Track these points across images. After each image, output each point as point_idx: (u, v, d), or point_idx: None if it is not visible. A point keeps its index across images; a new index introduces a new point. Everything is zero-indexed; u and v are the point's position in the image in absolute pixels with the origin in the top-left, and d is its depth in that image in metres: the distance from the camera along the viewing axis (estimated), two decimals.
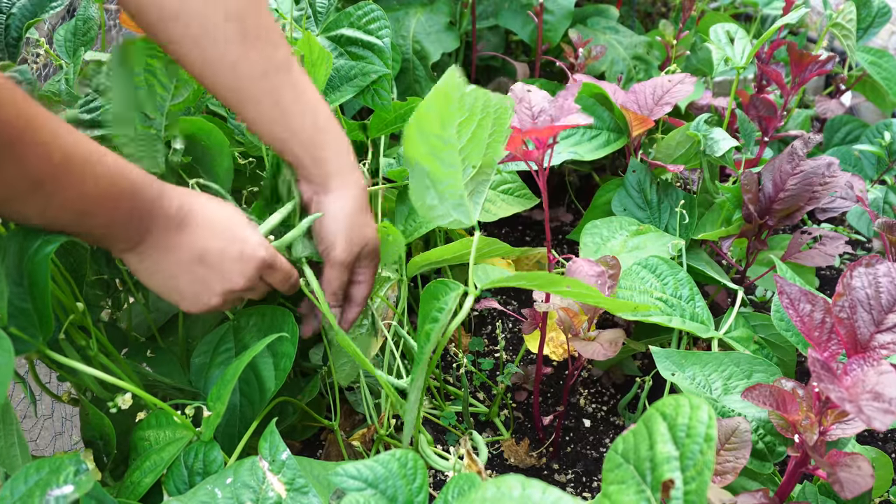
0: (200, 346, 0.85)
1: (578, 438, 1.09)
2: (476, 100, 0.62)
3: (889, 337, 0.57)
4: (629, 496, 0.45)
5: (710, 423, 0.44)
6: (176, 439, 0.70)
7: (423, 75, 1.45)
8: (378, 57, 1.00)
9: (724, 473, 0.61)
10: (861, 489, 0.54)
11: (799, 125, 1.54)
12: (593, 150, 1.15)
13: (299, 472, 0.63)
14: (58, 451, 1.11)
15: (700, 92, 1.49)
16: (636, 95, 1.13)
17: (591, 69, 1.50)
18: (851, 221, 1.27)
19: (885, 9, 1.48)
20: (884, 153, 1.38)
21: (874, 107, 1.71)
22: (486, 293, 1.35)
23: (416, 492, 0.60)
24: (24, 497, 0.51)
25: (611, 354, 0.83)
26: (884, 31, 1.96)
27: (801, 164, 0.99)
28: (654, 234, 1.03)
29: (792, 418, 0.59)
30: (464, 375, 0.99)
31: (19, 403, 1.24)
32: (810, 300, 0.61)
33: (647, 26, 1.91)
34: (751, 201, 1.02)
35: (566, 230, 1.53)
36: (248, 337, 0.84)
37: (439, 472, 1.01)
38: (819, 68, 1.21)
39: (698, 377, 0.74)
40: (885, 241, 0.91)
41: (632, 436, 0.48)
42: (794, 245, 1.03)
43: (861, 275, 0.60)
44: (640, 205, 1.12)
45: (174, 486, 0.68)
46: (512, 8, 1.55)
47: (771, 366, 0.75)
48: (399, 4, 1.52)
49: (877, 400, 0.49)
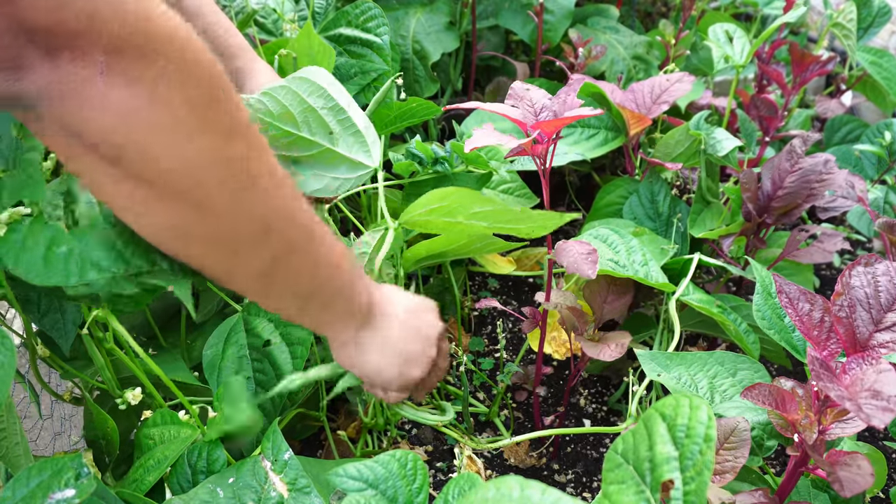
0: (211, 338, 0.83)
1: (578, 438, 1.09)
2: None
3: (888, 336, 0.57)
4: (629, 496, 0.45)
5: (710, 424, 0.44)
6: (180, 438, 0.70)
7: (423, 75, 1.45)
8: (378, 55, 1.01)
9: (724, 473, 0.61)
10: (861, 488, 0.54)
11: (799, 125, 1.54)
12: (591, 149, 1.16)
13: (301, 472, 0.63)
14: (58, 452, 1.11)
15: (700, 91, 1.49)
16: (634, 94, 1.13)
17: (591, 69, 1.50)
18: (852, 221, 1.27)
19: (886, 9, 1.48)
20: (884, 153, 1.38)
21: (874, 107, 1.71)
22: (486, 293, 1.36)
23: (416, 492, 0.60)
24: (25, 498, 0.51)
25: (617, 355, 0.83)
26: (884, 31, 1.96)
27: (800, 162, 0.99)
28: (649, 236, 1.04)
29: (791, 417, 0.59)
30: (464, 375, 0.99)
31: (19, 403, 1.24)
32: (809, 299, 0.61)
33: (647, 26, 1.91)
34: (750, 200, 1.02)
35: (566, 230, 1.53)
36: (260, 327, 0.83)
37: (439, 472, 1.01)
38: (820, 68, 1.21)
39: (684, 377, 0.75)
40: (886, 241, 0.91)
41: (631, 436, 0.48)
42: (791, 242, 1.03)
43: (860, 274, 0.60)
44: (651, 215, 1.13)
45: (177, 485, 0.68)
46: (512, 8, 1.55)
47: (754, 363, 0.76)
48: (399, 4, 1.52)
49: (876, 398, 0.49)
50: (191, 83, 0.47)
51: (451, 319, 1.23)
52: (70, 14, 0.41)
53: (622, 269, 0.90)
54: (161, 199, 0.48)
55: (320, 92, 0.81)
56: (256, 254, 0.54)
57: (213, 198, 0.50)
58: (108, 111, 0.44)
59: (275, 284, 0.57)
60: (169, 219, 0.50)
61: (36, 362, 0.81)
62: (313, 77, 0.81)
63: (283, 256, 0.56)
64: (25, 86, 0.43)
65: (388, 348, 0.67)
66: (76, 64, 0.43)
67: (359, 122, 0.83)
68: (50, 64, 0.42)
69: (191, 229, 0.51)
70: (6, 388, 0.52)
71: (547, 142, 0.79)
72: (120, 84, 0.44)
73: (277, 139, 0.82)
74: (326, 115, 0.81)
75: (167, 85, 0.45)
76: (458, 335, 1.15)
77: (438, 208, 0.78)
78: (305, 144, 0.82)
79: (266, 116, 0.80)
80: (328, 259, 0.59)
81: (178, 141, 0.47)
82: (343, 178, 0.84)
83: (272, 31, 1.09)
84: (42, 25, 0.41)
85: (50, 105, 0.44)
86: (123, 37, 0.43)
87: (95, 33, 0.42)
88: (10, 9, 0.40)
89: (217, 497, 0.62)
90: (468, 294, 1.32)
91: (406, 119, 1.02)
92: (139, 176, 0.47)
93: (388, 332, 0.67)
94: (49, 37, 0.41)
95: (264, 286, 0.57)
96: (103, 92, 0.43)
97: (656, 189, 1.14)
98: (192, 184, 0.48)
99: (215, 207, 0.50)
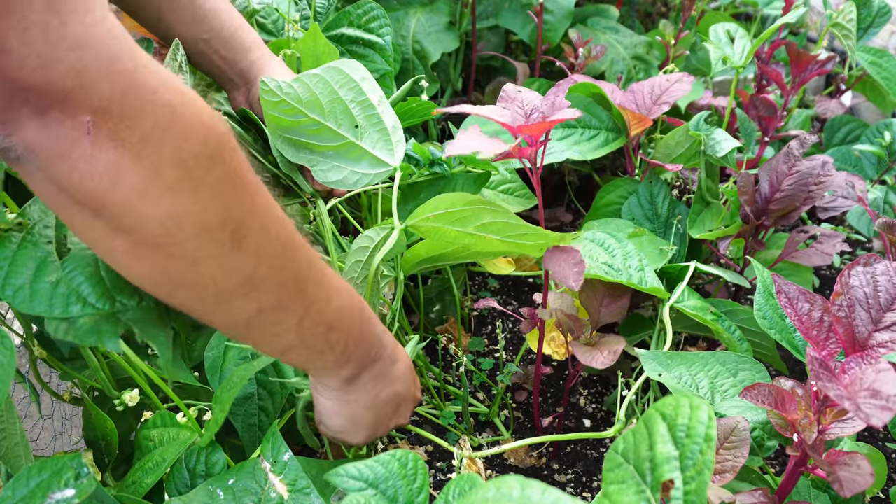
0: (213, 339, 0.83)
1: (578, 438, 1.09)
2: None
3: (887, 335, 0.57)
4: (629, 496, 0.45)
5: (710, 424, 0.44)
6: (179, 440, 0.70)
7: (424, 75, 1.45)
8: (380, 55, 1.01)
9: (724, 472, 0.61)
10: (860, 488, 0.55)
11: (799, 125, 1.54)
12: (592, 150, 1.16)
13: (301, 473, 0.63)
14: (58, 452, 1.11)
15: (700, 92, 1.49)
16: (634, 95, 1.13)
17: (591, 69, 1.50)
18: (852, 221, 1.27)
19: (886, 9, 1.48)
20: (884, 153, 1.38)
21: (874, 107, 1.71)
22: (485, 293, 1.36)
23: (416, 492, 0.60)
24: (25, 498, 0.51)
25: (609, 362, 0.83)
26: (884, 31, 1.96)
27: (797, 165, 0.99)
28: (648, 237, 1.04)
29: (791, 417, 0.59)
30: (463, 375, 0.99)
31: (19, 403, 1.24)
32: (808, 299, 0.62)
33: (647, 26, 1.91)
34: (747, 202, 1.02)
35: (566, 230, 1.53)
36: None
37: (439, 472, 1.01)
38: (819, 68, 1.21)
39: (685, 377, 0.75)
40: (886, 241, 0.91)
41: (632, 436, 0.48)
42: (790, 244, 1.03)
43: (859, 274, 0.60)
44: (650, 216, 1.13)
45: (175, 488, 0.68)
46: (512, 8, 1.55)
47: (756, 363, 0.76)
48: (399, 4, 1.52)
49: (875, 397, 0.49)
50: (181, 144, 0.46)
51: (451, 319, 1.23)
52: (58, 74, 0.40)
53: (617, 273, 0.91)
54: (143, 249, 0.48)
55: (352, 85, 0.81)
56: (240, 306, 0.54)
57: (196, 252, 0.49)
58: (95, 174, 0.43)
59: (258, 332, 0.57)
60: (151, 268, 0.49)
61: (36, 362, 0.81)
62: (347, 69, 0.82)
63: (269, 310, 0.55)
64: (14, 142, 0.42)
65: (352, 411, 0.67)
66: (64, 125, 0.42)
67: (387, 121, 0.83)
68: (39, 122, 0.42)
69: (173, 279, 0.50)
70: (6, 387, 0.52)
71: (536, 144, 0.79)
72: (106, 146, 0.43)
73: (303, 126, 0.82)
74: (354, 109, 0.82)
75: (155, 146, 0.44)
76: (458, 335, 1.15)
77: (447, 214, 0.77)
78: (330, 135, 0.83)
79: (294, 102, 0.80)
80: (318, 317, 0.58)
81: (163, 200, 0.46)
82: (363, 172, 0.84)
83: (272, 31, 1.09)
84: (30, 84, 0.40)
85: (38, 162, 0.43)
86: (113, 98, 0.43)
87: (84, 93, 0.42)
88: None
89: (217, 499, 0.62)
90: (468, 294, 1.32)
91: (406, 119, 1.02)
92: (122, 228, 0.46)
93: (362, 399, 0.67)
94: (37, 96, 0.41)
95: (247, 333, 0.57)
96: (90, 153, 0.43)
97: (656, 190, 1.14)
98: (175, 239, 0.47)
99: (198, 262, 0.49)
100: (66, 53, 0.40)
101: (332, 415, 0.68)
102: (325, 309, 0.58)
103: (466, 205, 0.75)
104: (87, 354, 0.71)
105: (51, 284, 0.52)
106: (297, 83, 0.81)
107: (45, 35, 0.39)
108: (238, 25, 0.83)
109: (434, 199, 0.77)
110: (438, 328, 1.23)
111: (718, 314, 0.92)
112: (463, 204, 0.75)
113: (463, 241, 0.81)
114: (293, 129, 0.83)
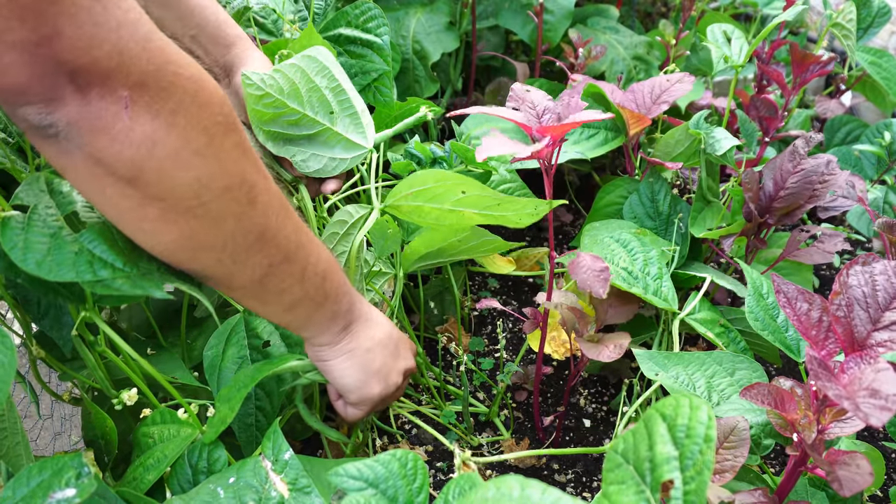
0: (211, 339, 0.84)
1: (578, 438, 1.09)
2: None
3: (886, 335, 0.57)
4: (629, 496, 0.45)
5: (710, 424, 0.44)
6: (180, 437, 0.70)
7: (423, 75, 1.45)
8: (378, 55, 1.01)
9: (723, 472, 0.61)
10: (860, 487, 0.55)
11: (799, 125, 1.54)
12: (591, 149, 1.16)
13: (302, 472, 0.63)
14: (58, 452, 1.11)
15: (700, 92, 1.49)
16: (634, 95, 1.13)
17: (591, 69, 1.50)
18: (852, 221, 1.27)
19: (885, 9, 1.48)
20: (884, 153, 1.38)
21: (874, 107, 1.71)
22: (486, 293, 1.36)
23: (416, 492, 0.60)
24: (26, 498, 0.51)
25: (616, 356, 0.83)
26: (884, 31, 1.96)
27: (802, 163, 0.99)
28: (650, 237, 1.04)
29: (790, 417, 0.59)
30: (464, 375, 0.99)
31: (20, 403, 1.24)
32: (807, 299, 0.62)
33: (647, 26, 1.92)
34: (751, 199, 1.02)
35: (566, 230, 1.53)
36: (260, 328, 0.84)
37: (439, 472, 1.01)
38: (820, 69, 1.21)
39: (681, 376, 0.75)
40: (885, 241, 0.91)
41: (631, 436, 0.48)
42: (792, 243, 1.03)
43: (857, 273, 0.60)
44: (651, 214, 1.13)
45: (177, 485, 0.68)
46: (512, 8, 1.55)
47: (752, 363, 0.77)
48: (399, 4, 1.52)
49: (874, 397, 0.49)
50: (205, 113, 0.51)
51: (451, 319, 1.23)
52: (103, 53, 0.45)
53: (634, 280, 0.91)
54: (173, 214, 0.52)
55: (325, 72, 0.83)
56: (255, 261, 0.59)
57: (219, 212, 0.54)
58: (133, 143, 0.48)
59: (269, 290, 0.62)
60: (179, 232, 0.54)
61: (35, 362, 0.81)
62: (318, 56, 0.83)
63: (278, 264, 0.61)
64: (56, 118, 0.46)
65: (358, 358, 0.73)
66: (105, 100, 0.46)
67: (356, 104, 0.85)
68: (81, 99, 0.46)
69: (198, 241, 0.55)
70: (6, 387, 0.52)
71: (552, 145, 0.79)
72: (143, 117, 0.48)
73: (283, 116, 0.83)
74: (329, 95, 0.83)
75: (185, 115, 0.50)
76: (458, 335, 1.15)
77: (423, 191, 0.80)
78: (309, 123, 0.84)
79: (277, 93, 0.81)
80: (315, 268, 0.65)
81: (193, 164, 0.51)
82: (339, 157, 0.86)
83: (272, 31, 1.09)
84: (78, 65, 0.45)
85: (79, 137, 0.47)
86: (149, 73, 0.47)
87: (125, 70, 0.46)
88: (49, 50, 0.43)
89: (218, 497, 0.62)
90: (468, 294, 1.32)
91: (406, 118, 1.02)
92: (155, 195, 0.51)
93: (362, 344, 0.73)
94: (82, 75, 0.45)
95: (261, 291, 0.62)
96: (129, 126, 0.47)
97: (657, 188, 1.14)
98: (202, 200, 0.53)
99: (221, 221, 0.55)
100: (108, 34, 0.45)
101: (343, 372, 0.73)
102: (318, 260, 0.65)
103: (437, 181, 0.78)
104: (85, 354, 0.71)
105: (73, 254, 0.54)
106: (277, 73, 0.82)
107: (92, 18, 0.44)
108: (222, 20, 0.85)
109: (407, 179, 0.80)
110: (438, 328, 1.23)
111: (728, 326, 0.92)
112: (434, 181, 0.78)
113: (445, 220, 0.83)
114: (274, 122, 0.84)
